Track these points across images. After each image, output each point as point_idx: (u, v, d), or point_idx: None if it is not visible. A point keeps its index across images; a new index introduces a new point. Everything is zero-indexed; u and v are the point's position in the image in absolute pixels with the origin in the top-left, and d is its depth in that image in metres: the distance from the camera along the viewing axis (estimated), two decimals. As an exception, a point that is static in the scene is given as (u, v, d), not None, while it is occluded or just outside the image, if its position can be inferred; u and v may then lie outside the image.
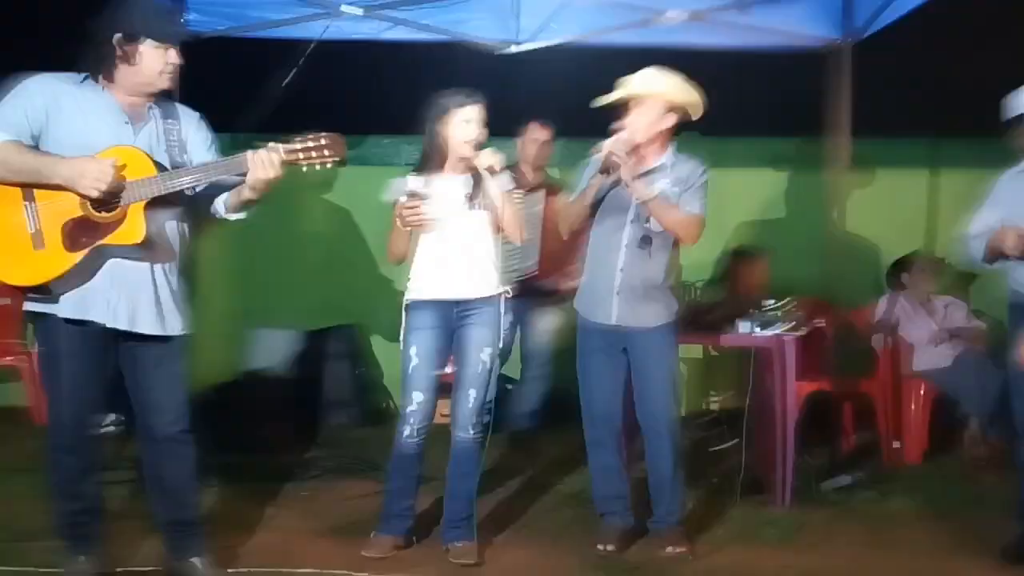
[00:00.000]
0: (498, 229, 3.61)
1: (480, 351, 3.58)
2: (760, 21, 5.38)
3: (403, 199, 3.49)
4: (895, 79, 6.64)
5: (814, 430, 5.28)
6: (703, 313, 4.47)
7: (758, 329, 4.38)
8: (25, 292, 2.93)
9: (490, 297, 3.59)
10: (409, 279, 3.66)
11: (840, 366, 5.45)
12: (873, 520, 4.25)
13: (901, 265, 5.62)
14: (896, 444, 5.21)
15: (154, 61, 2.93)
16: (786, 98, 6.68)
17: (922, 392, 5.29)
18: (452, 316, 3.60)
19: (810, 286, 5.99)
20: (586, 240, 3.83)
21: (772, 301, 4.56)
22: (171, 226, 3.01)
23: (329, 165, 2.88)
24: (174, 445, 3.12)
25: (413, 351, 3.59)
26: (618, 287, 3.65)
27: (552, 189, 5.08)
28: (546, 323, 5.22)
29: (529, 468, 4.99)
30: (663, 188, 3.62)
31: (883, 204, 6.36)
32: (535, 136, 5.18)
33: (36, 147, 2.86)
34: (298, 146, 2.86)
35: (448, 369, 3.73)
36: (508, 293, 3.66)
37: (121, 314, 2.92)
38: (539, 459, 5.13)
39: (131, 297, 2.93)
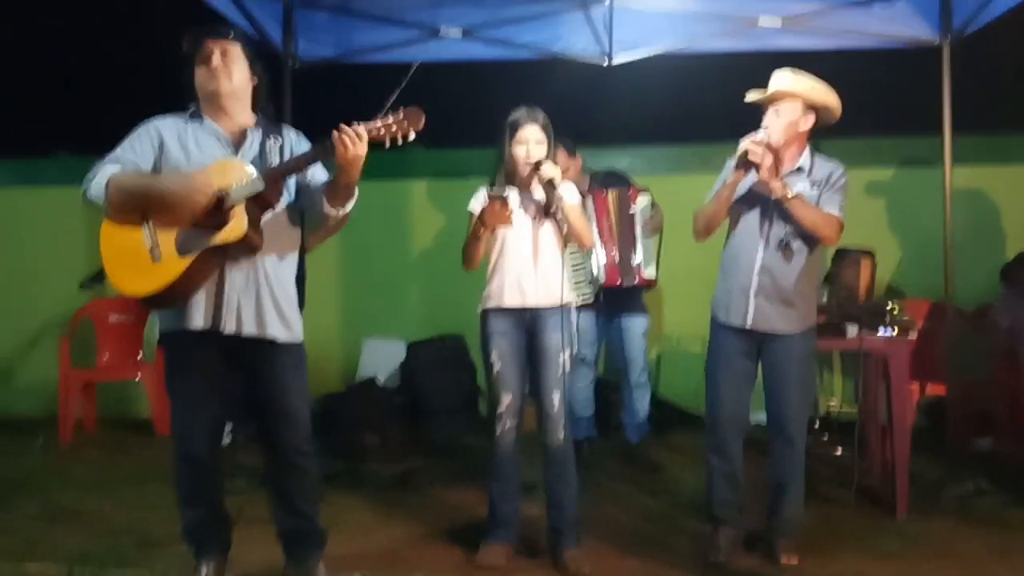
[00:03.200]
0: (566, 239, 3.71)
1: (557, 355, 3.65)
2: (855, 23, 5.29)
3: (483, 203, 3.61)
4: (997, 75, 6.44)
5: (931, 435, 5.15)
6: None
7: (867, 332, 4.28)
8: (151, 307, 3.10)
9: (560, 304, 3.67)
10: (486, 288, 3.75)
11: (957, 369, 5.30)
12: (995, 529, 4.09)
13: (1017, 263, 5.42)
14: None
15: (198, 65, 3.10)
16: (886, 97, 6.57)
17: (1043, 395, 5.08)
18: (526, 323, 3.69)
19: (922, 285, 5.86)
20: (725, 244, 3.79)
21: (884, 303, 4.45)
22: (278, 227, 3.12)
23: (411, 137, 2.91)
24: (298, 456, 3.20)
25: (495, 355, 3.70)
26: (755, 289, 3.60)
27: (599, 192, 5.02)
28: (638, 327, 5.20)
29: (636, 476, 5.00)
30: (802, 189, 3.58)
31: (995, 201, 6.18)
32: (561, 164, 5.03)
33: None
34: (378, 122, 2.91)
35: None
36: (578, 300, 3.72)
37: (247, 320, 3.05)
38: (645, 466, 5.13)
39: (255, 301, 3.06)
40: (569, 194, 3.69)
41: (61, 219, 6.67)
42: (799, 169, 3.62)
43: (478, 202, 3.67)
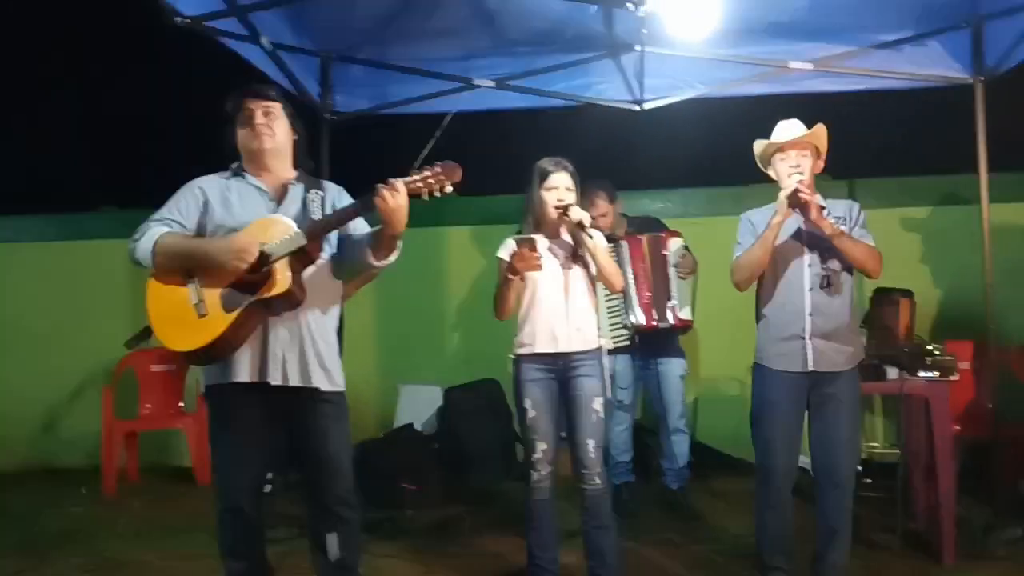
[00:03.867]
0: (603, 279, 3.73)
1: (592, 401, 3.66)
2: (886, 64, 5.31)
3: (511, 250, 3.64)
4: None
5: (975, 478, 5.06)
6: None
7: (908, 375, 4.24)
8: (196, 362, 3.14)
9: (595, 349, 3.69)
10: (518, 334, 3.77)
11: (1001, 410, 5.22)
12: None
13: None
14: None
15: (241, 124, 3.20)
16: (921, 136, 6.55)
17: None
18: (560, 368, 3.70)
19: (963, 326, 5.79)
20: (760, 289, 3.77)
21: (924, 344, 4.40)
22: (320, 280, 3.18)
23: (447, 190, 2.96)
24: (340, 506, 3.21)
25: (528, 403, 3.71)
26: (810, 332, 3.59)
27: (633, 237, 5.04)
28: (675, 371, 5.18)
29: (677, 522, 4.95)
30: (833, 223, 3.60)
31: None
32: (598, 210, 4.97)
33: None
34: (416, 176, 2.96)
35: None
36: (612, 344, 3.72)
37: (292, 371, 3.10)
38: (686, 512, 5.08)
39: (298, 353, 3.11)
40: (599, 239, 3.73)
41: (106, 271, 6.82)
42: (821, 208, 3.64)
43: (506, 250, 3.71)
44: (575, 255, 3.70)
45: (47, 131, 9.06)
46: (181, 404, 6.50)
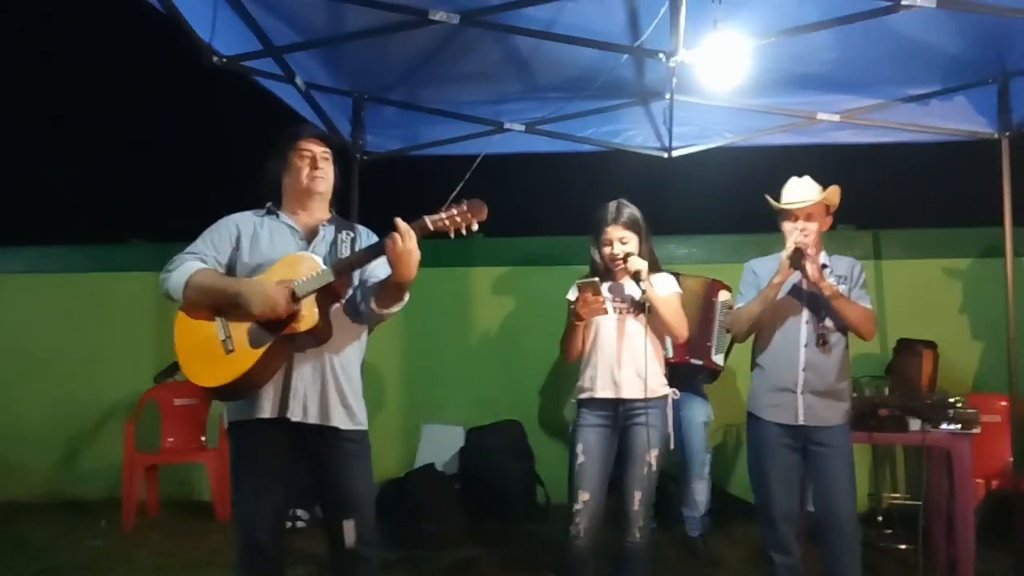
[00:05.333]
0: (665, 329, 3.70)
1: (647, 453, 3.59)
2: (913, 118, 5.36)
3: (577, 293, 3.61)
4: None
5: (998, 531, 5.03)
6: (872, 409, 4.39)
7: (930, 427, 4.25)
8: (223, 398, 3.16)
9: (658, 398, 3.65)
10: (579, 379, 3.76)
11: (1022, 463, 5.20)
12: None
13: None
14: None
15: (299, 166, 3.24)
16: (948, 189, 6.58)
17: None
18: (619, 416, 3.66)
19: (985, 378, 5.79)
20: (757, 340, 3.86)
21: (945, 397, 4.41)
22: (344, 318, 3.20)
23: (474, 228, 2.97)
24: (360, 545, 3.18)
25: (580, 448, 3.66)
26: (802, 387, 3.68)
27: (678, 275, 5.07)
28: (699, 417, 5.19)
29: (697, 569, 4.94)
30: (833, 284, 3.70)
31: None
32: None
33: (226, 274, 3.18)
34: (442, 214, 2.97)
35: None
36: (676, 395, 3.73)
37: (312, 408, 3.12)
38: (706, 559, 5.07)
39: (320, 391, 3.13)
40: (663, 286, 3.72)
41: (133, 304, 6.89)
42: (824, 267, 3.75)
43: (573, 292, 3.67)
44: (635, 301, 3.68)
45: (77, 162, 9.22)
46: (203, 438, 6.52)
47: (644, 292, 3.60)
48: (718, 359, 5.04)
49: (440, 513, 5.59)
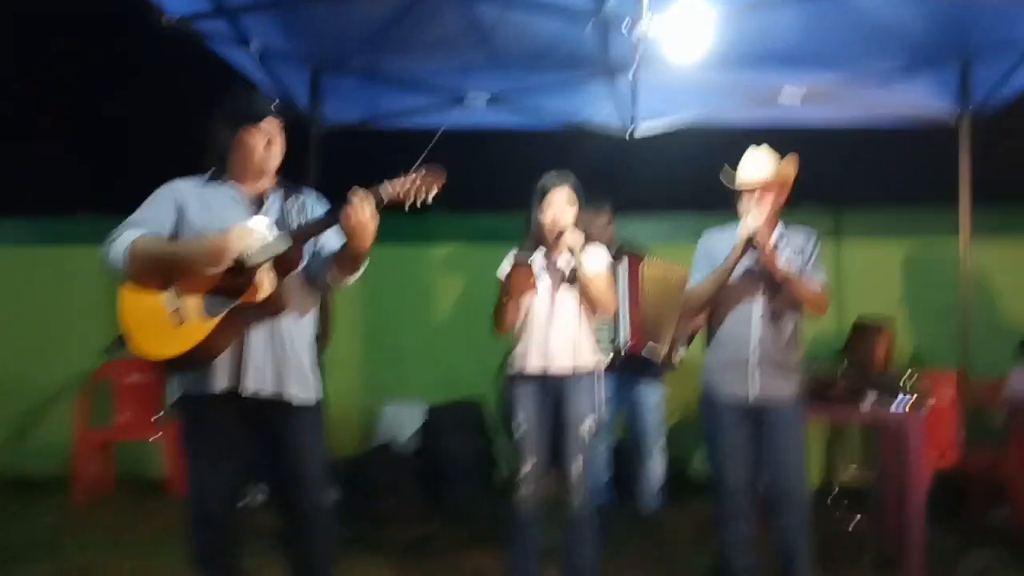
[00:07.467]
0: (591, 304, 3.73)
1: (580, 421, 3.67)
2: (875, 99, 5.39)
3: (508, 269, 3.67)
4: (1016, 151, 6.53)
5: (947, 507, 5.12)
6: (826, 387, 4.44)
7: (883, 403, 4.31)
8: (174, 370, 3.08)
9: (587, 369, 3.72)
10: (511, 353, 3.79)
11: (972, 441, 5.30)
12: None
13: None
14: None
15: (253, 144, 3.14)
16: (907, 170, 6.64)
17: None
18: (552, 387, 3.72)
19: (939, 356, 5.87)
20: (712, 316, 3.90)
21: (899, 374, 4.47)
22: (298, 289, 3.15)
23: (431, 196, 2.93)
24: (316, 518, 3.17)
25: (520, 419, 3.74)
26: (756, 361, 3.72)
27: (634, 256, 5.08)
28: (653, 395, 5.22)
29: (653, 543, 4.98)
30: (788, 258, 3.73)
31: (1012, 272, 6.22)
32: (601, 219, 5.03)
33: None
34: (398, 181, 2.93)
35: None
36: (603, 365, 3.79)
37: (267, 381, 3.06)
38: (662, 535, 5.11)
39: (274, 362, 3.07)
40: (594, 261, 3.74)
41: (83, 278, 6.73)
42: (779, 239, 3.79)
43: (506, 266, 3.71)
44: (568, 274, 3.72)
45: (26, 133, 9.00)
46: (158, 416, 6.39)
47: (575, 266, 3.64)
48: (678, 356, 5.06)
49: (399, 490, 5.57)
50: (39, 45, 8.87)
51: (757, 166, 3.77)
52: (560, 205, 3.72)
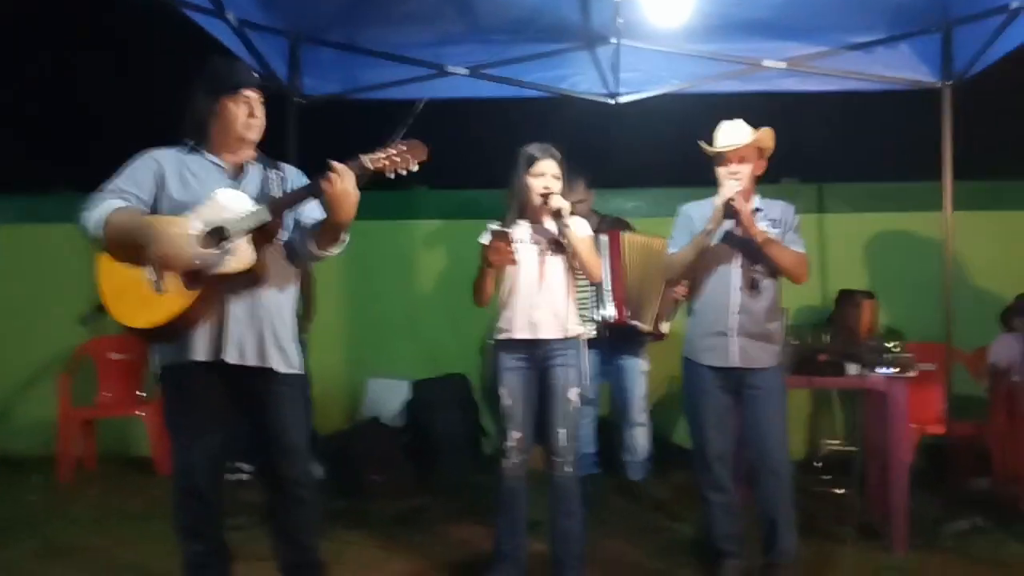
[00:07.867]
0: (581, 267, 3.73)
1: (566, 390, 3.66)
2: (858, 66, 5.37)
3: (488, 240, 3.65)
4: (998, 120, 6.54)
5: (930, 475, 5.17)
6: (811, 356, 4.45)
7: (867, 371, 4.34)
8: (154, 340, 3.06)
9: (573, 338, 3.71)
10: (498, 319, 3.78)
11: (955, 409, 5.34)
12: (991, 566, 4.15)
13: (1015, 307, 5.47)
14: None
15: (235, 112, 3.11)
16: (889, 141, 6.63)
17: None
18: (538, 356, 3.71)
19: (922, 329, 5.90)
20: (692, 286, 3.93)
21: (882, 343, 4.50)
22: (279, 260, 3.14)
23: (413, 168, 2.94)
24: (298, 488, 3.18)
25: (505, 391, 3.73)
26: (735, 329, 3.73)
27: (615, 230, 5.07)
28: (637, 366, 5.23)
29: (638, 512, 5.03)
30: (767, 228, 3.75)
31: (994, 245, 6.25)
32: (578, 195, 4.98)
33: (150, 212, 3.03)
34: (380, 153, 2.95)
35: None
36: (590, 334, 3.76)
37: (249, 350, 3.06)
38: (647, 503, 5.17)
39: (256, 332, 3.07)
40: (579, 227, 3.73)
41: (61, 256, 6.62)
42: (757, 210, 3.80)
43: (486, 237, 3.70)
44: (556, 243, 3.70)
45: (1, 108, 8.86)
46: (142, 393, 6.38)
47: (564, 231, 3.62)
48: (665, 327, 5.06)
49: (387, 464, 5.57)
50: (11, 20, 8.72)
51: (733, 133, 3.78)
52: (552, 171, 3.70)
